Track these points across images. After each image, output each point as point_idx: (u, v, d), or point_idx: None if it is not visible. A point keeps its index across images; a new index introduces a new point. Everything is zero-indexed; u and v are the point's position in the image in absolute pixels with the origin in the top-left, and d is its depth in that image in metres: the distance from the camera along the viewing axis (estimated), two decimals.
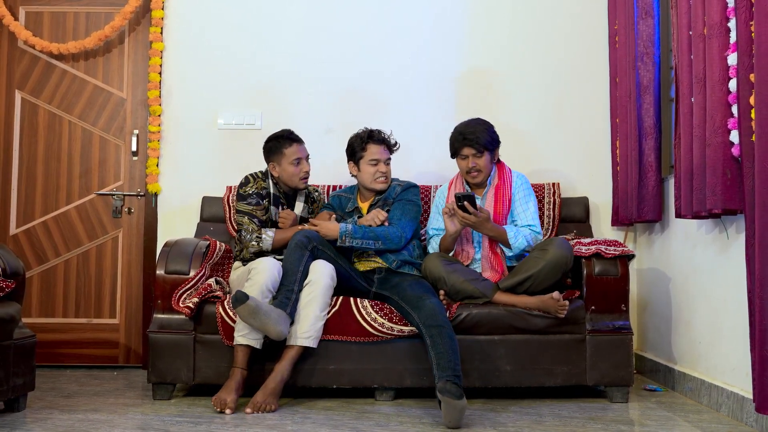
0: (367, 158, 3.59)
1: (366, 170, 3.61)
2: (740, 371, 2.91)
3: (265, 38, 4.42)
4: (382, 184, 3.62)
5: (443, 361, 2.98)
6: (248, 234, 3.48)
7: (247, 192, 3.56)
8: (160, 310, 3.38)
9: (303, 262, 3.27)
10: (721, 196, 2.79)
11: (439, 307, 3.19)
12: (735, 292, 2.93)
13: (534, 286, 3.31)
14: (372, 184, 3.62)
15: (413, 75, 4.40)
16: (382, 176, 3.60)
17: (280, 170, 3.61)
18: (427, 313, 3.15)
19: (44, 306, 4.36)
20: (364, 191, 3.70)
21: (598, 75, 4.34)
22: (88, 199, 4.41)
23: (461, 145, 3.55)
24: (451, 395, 2.78)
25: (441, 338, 3.05)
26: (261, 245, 3.46)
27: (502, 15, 4.40)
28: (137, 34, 4.46)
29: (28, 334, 3.08)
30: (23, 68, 4.45)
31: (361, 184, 3.68)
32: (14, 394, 2.96)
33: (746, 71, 2.58)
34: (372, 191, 3.66)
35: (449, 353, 3.00)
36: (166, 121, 4.38)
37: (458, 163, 3.63)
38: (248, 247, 3.48)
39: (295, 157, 3.60)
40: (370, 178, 3.60)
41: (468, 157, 3.54)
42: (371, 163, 3.59)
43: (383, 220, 3.48)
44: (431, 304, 3.19)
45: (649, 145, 3.76)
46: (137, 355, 4.32)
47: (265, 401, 3.05)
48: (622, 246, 3.41)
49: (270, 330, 3.08)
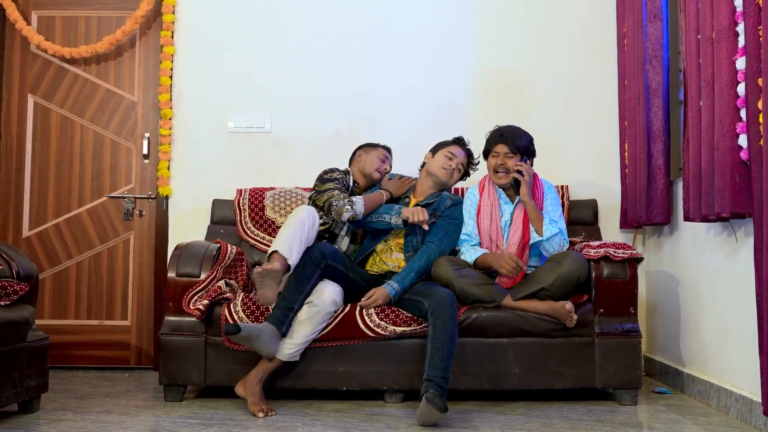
0: (445, 150, 3.69)
1: (439, 159, 3.67)
2: (749, 374, 2.91)
3: (274, 41, 4.44)
4: (446, 175, 3.65)
5: (437, 357, 3.02)
6: (339, 201, 3.50)
7: (333, 177, 3.66)
8: (172, 312, 3.40)
9: (312, 280, 3.27)
10: (730, 199, 2.79)
11: (450, 297, 3.21)
12: (744, 295, 2.94)
13: (545, 298, 3.33)
14: (438, 171, 3.65)
15: (422, 76, 4.41)
16: (449, 169, 3.65)
17: (365, 157, 3.86)
18: (437, 300, 3.18)
19: (56, 308, 4.41)
20: (422, 184, 3.73)
21: (607, 78, 4.34)
22: (99, 201, 4.45)
23: (496, 142, 3.54)
24: (435, 407, 2.85)
25: (443, 332, 3.08)
26: (354, 208, 3.48)
27: (512, 18, 4.41)
28: (148, 38, 4.49)
29: (41, 337, 3.11)
30: (36, 72, 4.49)
31: (428, 170, 3.70)
32: (28, 396, 3.00)
33: (754, 75, 2.59)
34: (434, 178, 3.67)
35: (445, 351, 3.04)
36: (177, 124, 4.42)
37: (489, 161, 3.58)
38: (342, 213, 3.47)
39: (382, 155, 3.88)
40: (439, 165, 3.65)
41: (500, 154, 3.52)
42: (446, 155, 3.67)
43: (422, 222, 3.47)
44: (443, 292, 3.22)
45: (657, 148, 3.77)
46: (148, 357, 4.36)
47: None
48: (631, 249, 3.42)
49: (261, 351, 3.12)
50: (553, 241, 3.45)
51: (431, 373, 2.98)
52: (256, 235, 4.06)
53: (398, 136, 4.21)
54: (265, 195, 4.14)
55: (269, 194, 4.14)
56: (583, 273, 3.31)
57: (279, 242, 3.20)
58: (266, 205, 4.11)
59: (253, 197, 4.14)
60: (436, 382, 2.94)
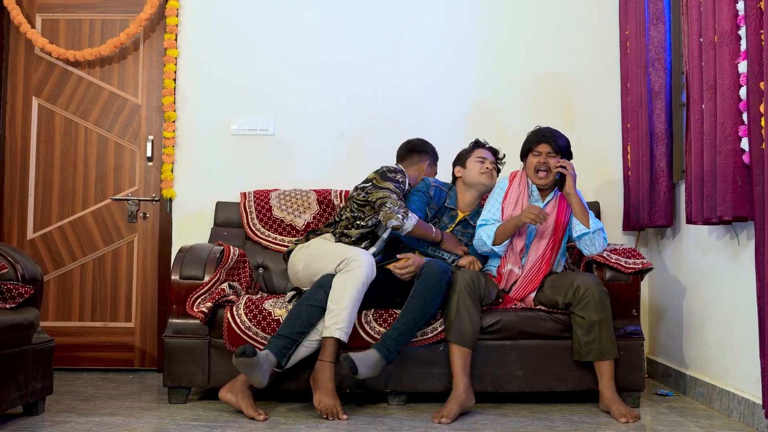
0: (474, 156, 3.64)
1: (472, 167, 3.62)
2: (751, 377, 2.92)
3: (278, 44, 4.45)
4: (487, 178, 3.61)
5: (394, 334, 3.15)
6: (395, 206, 3.38)
7: (396, 178, 3.53)
8: (175, 315, 3.42)
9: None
10: (732, 203, 2.80)
11: (442, 270, 3.23)
12: (746, 297, 2.94)
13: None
14: (478, 178, 3.60)
15: (427, 78, 4.42)
16: (487, 171, 3.61)
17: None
18: (429, 269, 3.23)
19: (61, 310, 4.42)
20: (464, 196, 3.68)
21: (610, 80, 4.35)
22: (103, 204, 4.47)
23: (538, 141, 3.52)
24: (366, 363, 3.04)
25: (413, 312, 3.18)
26: (405, 221, 3.36)
27: (516, 22, 4.42)
28: (152, 41, 4.51)
29: (46, 339, 3.13)
30: (40, 75, 4.51)
31: (467, 182, 3.65)
32: (33, 398, 3.01)
33: (756, 79, 2.59)
34: (477, 187, 3.62)
35: (406, 329, 3.16)
36: (181, 126, 4.43)
37: (529, 160, 3.54)
38: (390, 218, 3.35)
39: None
40: (476, 172, 3.60)
41: (542, 153, 3.49)
42: (477, 161, 3.63)
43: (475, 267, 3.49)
44: (438, 265, 3.25)
45: (660, 151, 3.77)
46: (152, 359, 4.37)
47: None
48: (642, 258, 3.41)
49: (254, 380, 3.04)
50: (598, 235, 3.40)
51: (382, 345, 3.14)
52: (267, 236, 4.08)
53: (401, 138, 4.21)
54: (270, 196, 4.16)
55: (274, 195, 4.17)
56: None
57: (341, 320, 3.13)
58: (273, 205, 4.13)
59: (258, 198, 4.16)
60: (386, 346, 3.12)
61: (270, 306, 3.36)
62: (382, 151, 4.29)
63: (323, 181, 4.32)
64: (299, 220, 4.09)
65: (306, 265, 3.42)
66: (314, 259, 3.39)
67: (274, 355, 3.07)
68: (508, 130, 4.26)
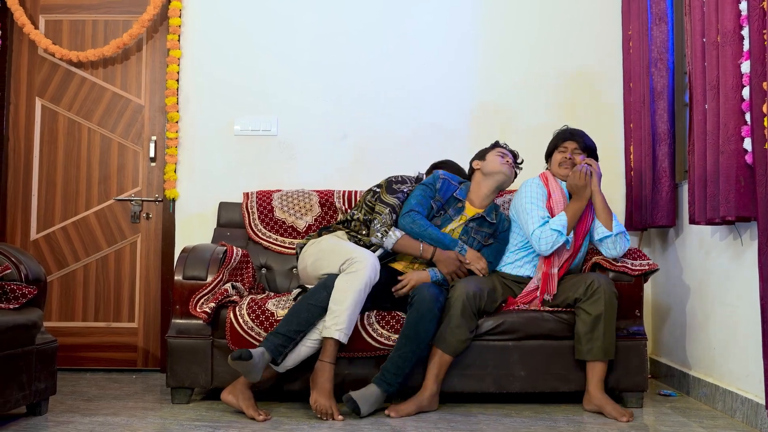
0: (495, 151, 3.62)
1: (493, 159, 3.58)
2: (754, 377, 2.91)
3: (281, 45, 4.46)
4: (509, 169, 3.57)
5: (392, 367, 3.16)
6: (379, 224, 3.45)
7: (400, 189, 3.57)
8: (179, 315, 3.42)
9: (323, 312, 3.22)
10: (735, 203, 2.80)
11: (433, 296, 3.21)
12: (749, 298, 2.94)
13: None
14: (498, 168, 3.55)
15: (430, 79, 4.42)
16: (507, 163, 3.58)
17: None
18: (420, 297, 3.21)
19: (64, 310, 4.43)
20: (479, 188, 3.62)
21: (612, 80, 4.35)
22: (106, 204, 4.47)
23: (565, 139, 3.56)
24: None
25: (409, 342, 3.16)
26: (384, 240, 3.42)
27: (519, 21, 4.42)
28: (155, 42, 4.51)
29: (49, 340, 3.13)
30: (43, 76, 4.52)
31: (486, 172, 3.59)
32: (36, 399, 3.02)
33: (759, 79, 2.59)
34: (497, 177, 3.57)
35: (403, 362, 3.16)
36: (184, 127, 4.44)
37: (554, 157, 3.57)
38: (372, 234, 3.45)
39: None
40: (497, 163, 3.56)
41: (568, 149, 3.53)
42: (498, 155, 3.60)
43: (480, 270, 3.46)
44: (429, 291, 3.23)
45: (662, 151, 3.77)
46: (155, 359, 4.38)
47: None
48: (647, 259, 3.41)
49: (247, 377, 3.06)
50: (621, 239, 3.39)
51: (382, 380, 3.16)
52: (269, 237, 4.08)
53: (404, 139, 4.22)
54: (272, 196, 4.16)
55: (276, 195, 4.17)
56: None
57: (341, 321, 3.13)
58: (275, 206, 4.13)
59: (260, 199, 4.16)
60: (386, 381, 3.14)
61: (273, 306, 3.36)
62: (384, 152, 4.31)
63: (325, 182, 4.32)
64: (301, 222, 4.09)
65: (314, 260, 3.44)
66: (322, 255, 3.41)
67: (269, 352, 3.08)
68: (511, 131, 4.26)
